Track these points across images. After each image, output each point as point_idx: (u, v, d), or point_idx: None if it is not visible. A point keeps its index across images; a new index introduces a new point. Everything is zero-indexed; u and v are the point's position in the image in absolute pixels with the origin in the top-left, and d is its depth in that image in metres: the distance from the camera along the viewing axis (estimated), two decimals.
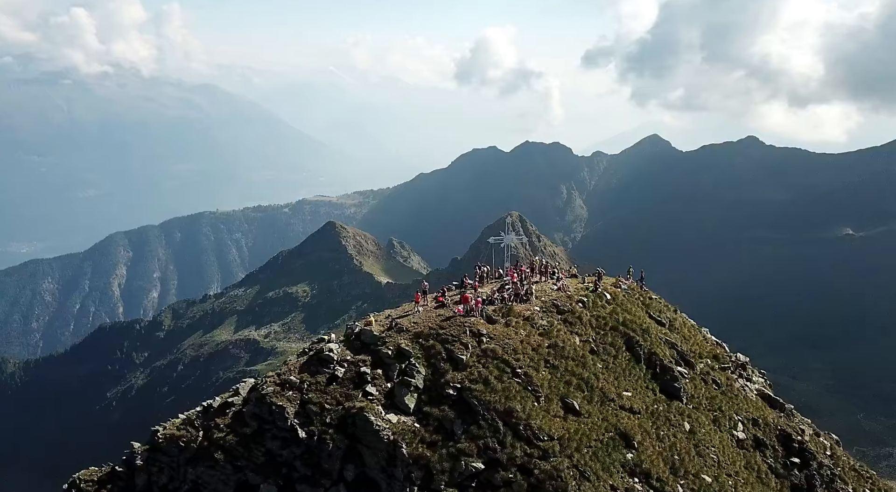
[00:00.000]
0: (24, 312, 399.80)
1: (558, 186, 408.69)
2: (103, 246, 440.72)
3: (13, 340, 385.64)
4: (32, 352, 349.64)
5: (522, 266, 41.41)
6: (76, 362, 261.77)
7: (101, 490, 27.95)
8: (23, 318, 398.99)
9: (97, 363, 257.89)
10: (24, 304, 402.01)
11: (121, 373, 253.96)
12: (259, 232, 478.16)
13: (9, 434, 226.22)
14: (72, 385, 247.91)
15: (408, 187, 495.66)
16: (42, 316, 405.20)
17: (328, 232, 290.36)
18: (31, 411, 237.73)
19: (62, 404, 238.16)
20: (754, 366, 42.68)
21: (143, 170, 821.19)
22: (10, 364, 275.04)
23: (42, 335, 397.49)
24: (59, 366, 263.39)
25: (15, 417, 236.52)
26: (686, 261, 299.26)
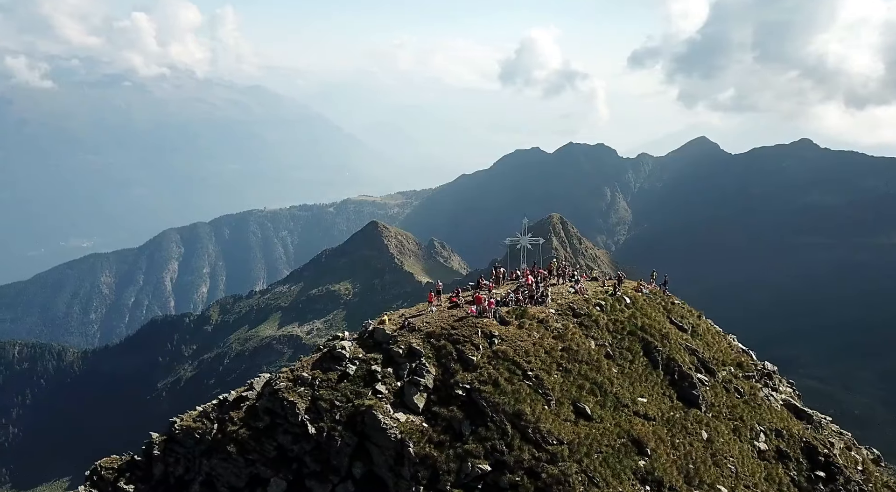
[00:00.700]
0: (83, 303, 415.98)
1: (602, 187, 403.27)
2: (157, 242, 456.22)
3: (73, 330, 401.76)
4: (90, 342, 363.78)
5: (540, 269, 41.08)
6: (130, 353, 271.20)
7: (121, 478, 28.98)
8: (82, 309, 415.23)
9: (149, 355, 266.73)
10: (84, 296, 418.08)
11: (171, 365, 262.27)
12: (304, 230, 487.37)
13: (66, 420, 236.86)
14: (125, 375, 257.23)
15: (450, 188, 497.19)
16: (100, 308, 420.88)
17: (370, 231, 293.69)
18: (87, 399, 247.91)
19: (115, 393, 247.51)
20: (798, 374, 41.45)
21: (195, 169, 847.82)
22: (69, 353, 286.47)
23: (99, 326, 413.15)
24: (113, 356, 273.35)
25: (72, 404, 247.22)
26: (734, 266, 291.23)
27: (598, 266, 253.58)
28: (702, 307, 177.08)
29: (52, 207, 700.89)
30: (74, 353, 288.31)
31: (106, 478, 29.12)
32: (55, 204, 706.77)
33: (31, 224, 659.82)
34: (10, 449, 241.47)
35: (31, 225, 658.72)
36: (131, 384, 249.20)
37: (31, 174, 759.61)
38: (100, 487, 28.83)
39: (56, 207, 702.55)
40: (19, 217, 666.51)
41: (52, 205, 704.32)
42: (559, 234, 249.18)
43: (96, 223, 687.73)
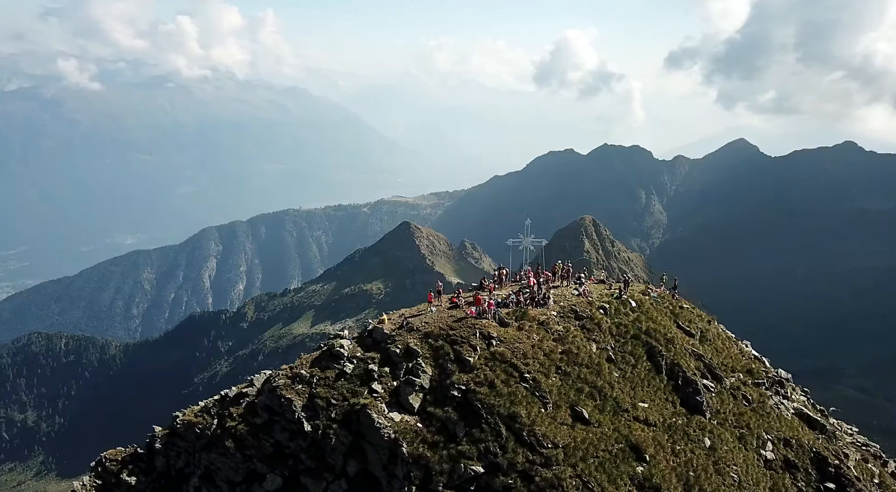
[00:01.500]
0: (126, 299, 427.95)
1: (637, 190, 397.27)
2: (196, 239, 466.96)
3: (116, 324, 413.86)
4: (132, 336, 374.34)
5: (545, 270, 40.86)
6: (169, 348, 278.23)
7: (124, 470, 29.75)
8: (125, 304, 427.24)
9: (187, 350, 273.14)
10: (127, 291, 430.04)
11: (207, 360, 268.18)
12: (339, 230, 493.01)
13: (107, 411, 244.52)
14: (164, 369, 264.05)
15: (482, 189, 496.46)
16: (141, 303, 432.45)
17: (403, 231, 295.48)
18: (128, 391, 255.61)
19: (154, 387, 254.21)
20: (841, 384, 40.29)
21: (234, 168, 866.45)
22: (112, 346, 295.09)
23: (141, 321, 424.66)
24: (153, 350, 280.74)
25: (113, 396, 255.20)
26: (774, 271, 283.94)
27: (630, 269, 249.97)
28: (739, 313, 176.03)
29: (100, 204, 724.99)
30: (117, 346, 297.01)
31: (110, 469, 29.95)
32: (102, 201, 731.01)
33: (80, 221, 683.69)
34: (55, 438, 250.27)
35: (80, 222, 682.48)
36: (169, 378, 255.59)
37: (80, 173, 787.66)
38: (104, 478, 29.69)
39: (103, 204, 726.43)
40: (70, 214, 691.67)
41: (100, 202, 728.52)
42: (591, 236, 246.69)
43: (140, 220, 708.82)
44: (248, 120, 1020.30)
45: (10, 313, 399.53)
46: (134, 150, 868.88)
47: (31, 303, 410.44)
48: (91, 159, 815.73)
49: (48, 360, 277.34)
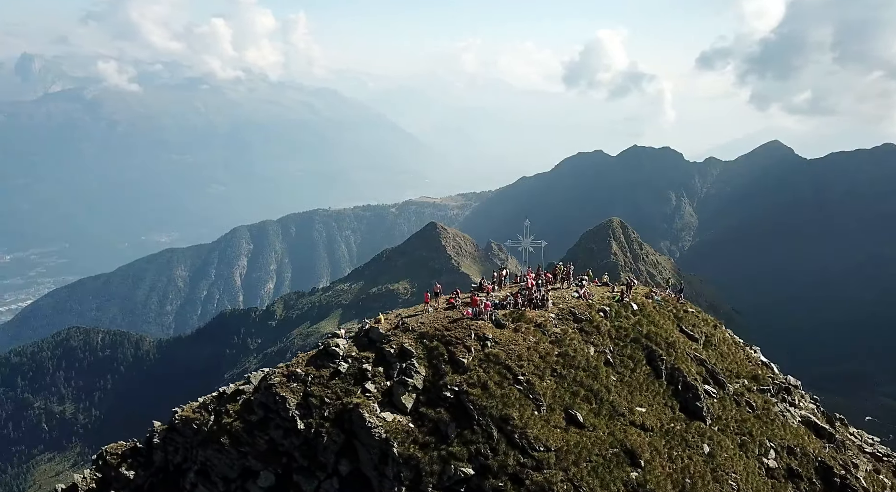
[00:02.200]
0: (160, 296, 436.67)
1: (667, 192, 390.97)
2: (228, 238, 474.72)
3: (150, 320, 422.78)
4: (165, 332, 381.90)
5: (546, 272, 40.59)
6: (200, 344, 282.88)
7: (123, 463, 30.34)
8: (159, 301, 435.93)
9: (218, 347, 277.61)
10: (161, 288, 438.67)
11: (237, 357, 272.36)
12: (367, 230, 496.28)
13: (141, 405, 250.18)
14: (195, 365, 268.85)
15: (510, 190, 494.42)
16: (175, 300, 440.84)
17: (429, 232, 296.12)
18: (160, 386, 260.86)
19: (186, 382, 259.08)
20: (874, 392, 39.21)
21: (266, 168, 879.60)
22: (146, 342, 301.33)
23: (174, 318, 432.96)
24: (185, 347, 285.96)
25: (147, 390, 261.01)
26: (807, 276, 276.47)
27: (659, 272, 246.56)
28: (770, 316, 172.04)
29: (137, 203, 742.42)
30: (150, 342, 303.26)
31: (110, 463, 30.58)
32: (139, 200, 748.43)
33: (117, 219, 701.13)
34: (92, 430, 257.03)
35: (117, 220, 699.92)
36: (200, 374, 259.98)
37: (118, 172, 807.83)
38: (104, 471, 30.32)
39: (140, 203, 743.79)
40: (107, 212, 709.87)
41: (137, 201, 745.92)
42: (619, 238, 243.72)
43: (175, 219, 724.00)
44: (279, 121, 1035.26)
45: (51, 308, 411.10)
46: (168, 150, 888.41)
47: (70, 298, 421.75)
48: (128, 159, 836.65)
49: (85, 354, 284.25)
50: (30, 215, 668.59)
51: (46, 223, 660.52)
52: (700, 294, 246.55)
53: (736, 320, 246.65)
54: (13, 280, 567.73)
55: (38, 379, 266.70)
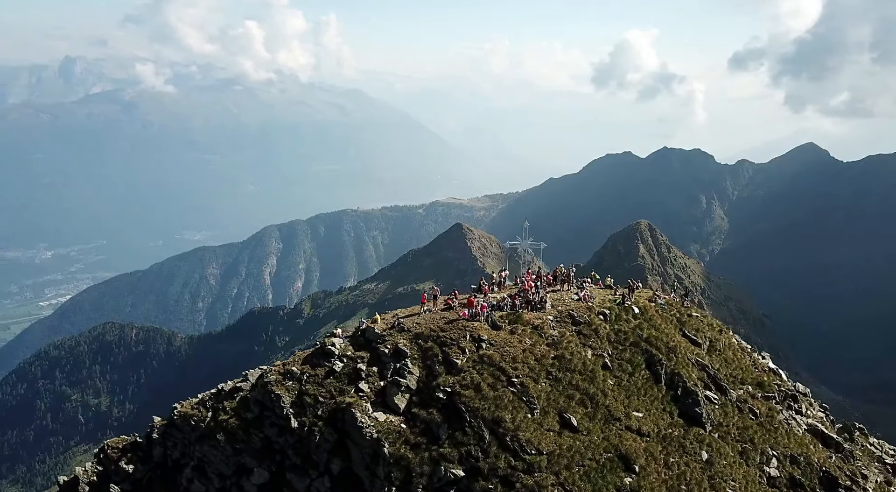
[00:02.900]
0: (192, 293, 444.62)
1: (697, 195, 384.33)
2: (258, 237, 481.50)
3: (183, 317, 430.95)
4: (197, 329, 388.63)
5: (548, 274, 40.33)
6: (230, 341, 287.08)
7: (123, 457, 30.99)
8: (191, 298, 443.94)
9: (247, 344, 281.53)
10: (193, 286, 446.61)
11: (265, 354, 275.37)
12: (394, 230, 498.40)
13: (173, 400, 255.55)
14: (225, 361, 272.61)
15: (536, 192, 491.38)
16: (206, 297, 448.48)
17: (455, 233, 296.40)
18: (191, 382, 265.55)
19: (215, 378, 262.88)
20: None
21: (295, 168, 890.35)
22: (178, 338, 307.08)
23: (205, 315, 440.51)
24: (216, 343, 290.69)
25: (177, 385, 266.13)
26: (841, 282, 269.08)
27: (687, 276, 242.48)
28: (804, 324, 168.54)
29: (171, 201, 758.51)
30: (182, 338, 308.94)
31: (111, 456, 31.30)
32: (173, 199, 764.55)
33: (152, 217, 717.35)
34: (126, 423, 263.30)
35: (152, 218, 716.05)
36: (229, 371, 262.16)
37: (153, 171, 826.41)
38: (105, 465, 31.03)
39: (174, 201, 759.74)
40: (142, 210, 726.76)
41: (171, 200, 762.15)
42: (646, 241, 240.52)
43: (207, 217, 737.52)
44: (308, 121, 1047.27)
45: (89, 304, 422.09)
46: (201, 150, 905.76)
47: (106, 294, 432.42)
48: (163, 159, 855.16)
49: (120, 349, 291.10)
50: (71, 213, 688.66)
51: (86, 221, 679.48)
52: (729, 298, 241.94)
53: (766, 325, 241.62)
54: (54, 276, 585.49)
55: (75, 372, 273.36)
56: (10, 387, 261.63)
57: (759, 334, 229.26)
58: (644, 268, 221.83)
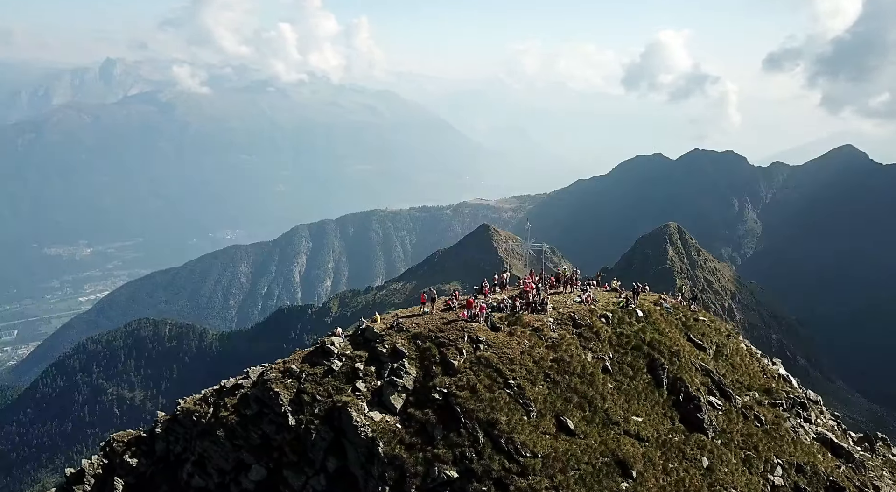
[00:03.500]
0: (224, 290, 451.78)
1: (729, 197, 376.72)
2: (289, 236, 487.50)
3: (214, 314, 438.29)
4: (228, 326, 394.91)
5: (551, 276, 40.03)
6: (259, 338, 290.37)
7: (128, 451, 31.68)
8: (223, 295, 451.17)
9: (275, 341, 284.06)
10: (225, 283, 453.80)
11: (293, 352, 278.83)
12: (422, 230, 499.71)
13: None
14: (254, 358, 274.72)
15: (565, 193, 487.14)
16: (238, 295, 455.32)
17: (481, 234, 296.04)
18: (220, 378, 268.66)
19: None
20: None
21: (326, 169, 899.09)
22: (209, 335, 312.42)
23: (236, 312, 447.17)
24: (246, 340, 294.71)
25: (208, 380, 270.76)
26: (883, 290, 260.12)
27: (717, 279, 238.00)
28: (840, 331, 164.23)
29: (205, 200, 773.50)
30: (213, 335, 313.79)
31: (116, 450, 32.04)
32: (207, 198, 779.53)
33: (187, 216, 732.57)
34: None
35: (187, 217, 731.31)
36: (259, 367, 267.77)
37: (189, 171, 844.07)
38: (110, 457, 31.80)
39: (208, 200, 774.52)
40: (178, 209, 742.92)
41: (205, 199, 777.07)
42: (675, 244, 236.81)
43: (239, 216, 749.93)
44: (339, 122, 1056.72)
45: (126, 299, 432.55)
46: (235, 150, 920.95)
47: (142, 291, 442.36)
48: (198, 159, 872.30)
49: (154, 344, 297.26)
50: (110, 211, 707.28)
51: (124, 219, 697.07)
52: (760, 303, 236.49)
53: (799, 332, 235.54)
54: (93, 272, 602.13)
55: (111, 366, 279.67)
56: (50, 379, 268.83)
57: (791, 340, 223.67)
58: (672, 271, 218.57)
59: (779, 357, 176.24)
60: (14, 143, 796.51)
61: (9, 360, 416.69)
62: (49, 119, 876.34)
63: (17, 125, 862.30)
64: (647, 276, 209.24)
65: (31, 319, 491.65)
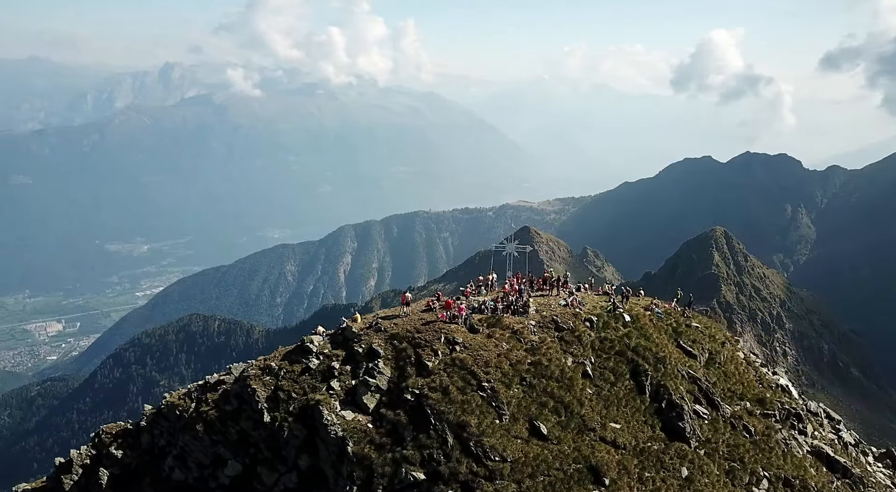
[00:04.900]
0: (271, 288, 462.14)
1: (781, 202, 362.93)
2: (334, 236, 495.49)
3: (262, 311, 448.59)
4: (275, 323, 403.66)
5: (538, 278, 39.46)
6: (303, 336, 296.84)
7: (115, 443, 32.52)
8: (270, 293, 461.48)
9: None
10: (272, 281, 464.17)
11: None
12: (464, 232, 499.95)
13: None
14: None
15: (610, 196, 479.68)
16: (284, 293, 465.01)
17: (522, 236, 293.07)
18: None
19: None
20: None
21: (371, 170, 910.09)
22: (256, 331, 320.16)
23: (283, 310, 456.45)
24: (291, 337, 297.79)
25: None
26: None
27: (765, 286, 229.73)
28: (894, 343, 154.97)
29: (256, 200, 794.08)
30: (260, 331, 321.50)
31: (104, 441, 32.94)
32: (258, 198, 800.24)
33: (237, 215, 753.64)
34: None
35: (237, 216, 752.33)
36: None
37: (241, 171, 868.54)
38: (98, 448, 32.73)
39: (258, 200, 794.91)
40: (229, 209, 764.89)
41: (256, 198, 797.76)
42: (722, 249, 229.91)
43: (288, 216, 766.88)
44: (385, 124, 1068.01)
45: (178, 295, 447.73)
46: (284, 151, 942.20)
47: (194, 287, 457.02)
48: (249, 159, 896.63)
49: (203, 339, 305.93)
50: (165, 210, 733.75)
51: (178, 217, 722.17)
52: (812, 311, 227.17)
53: (853, 342, 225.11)
54: (148, 268, 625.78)
55: (163, 360, 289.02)
56: (107, 370, 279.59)
57: (845, 350, 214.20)
58: (718, 277, 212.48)
59: (830, 368, 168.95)
60: (80, 144, 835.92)
61: (72, 350, 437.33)
62: (111, 121, 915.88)
63: (82, 127, 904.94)
64: (691, 281, 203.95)
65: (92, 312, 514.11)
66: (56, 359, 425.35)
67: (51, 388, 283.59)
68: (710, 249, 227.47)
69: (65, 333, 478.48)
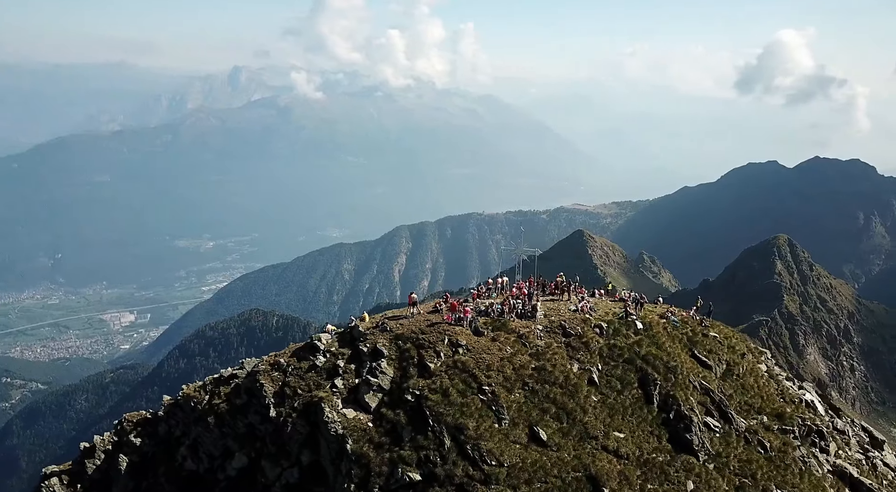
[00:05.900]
0: (329, 286, 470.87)
1: (853, 209, 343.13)
2: (390, 236, 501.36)
3: (319, 308, 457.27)
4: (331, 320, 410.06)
5: (550, 283, 38.80)
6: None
7: (135, 430, 33.97)
8: (327, 291, 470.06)
9: None
10: (330, 279, 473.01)
11: None
12: (517, 235, 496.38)
13: None
14: None
15: (668, 200, 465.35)
16: (341, 291, 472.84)
17: (576, 239, 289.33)
18: None
19: None
20: None
21: (427, 172, 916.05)
22: (311, 327, 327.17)
23: (339, 307, 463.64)
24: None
25: None
26: None
27: (832, 297, 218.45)
28: None
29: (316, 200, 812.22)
30: (315, 327, 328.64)
31: (125, 429, 34.47)
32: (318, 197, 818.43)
33: (298, 214, 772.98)
34: None
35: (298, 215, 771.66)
36: None
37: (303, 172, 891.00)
38: (120, 435, 34.31)
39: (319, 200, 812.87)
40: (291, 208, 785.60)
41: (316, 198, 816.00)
42: (785, 257, 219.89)
43: (346, 216, 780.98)
44: (442, 126, 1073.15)
45: (241, 290, 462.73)
46: (344, 153, 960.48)
47: (256, 283, 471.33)
48: (311, 160, 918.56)
49: (262, 334, 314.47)
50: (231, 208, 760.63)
51: (243, 215, 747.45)
52: (884, 325, 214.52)
53: None
54: (214, 264, 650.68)
55: (225, 352, 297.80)
56: (173, 361, 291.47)
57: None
58: (781, 286, 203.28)
59: None
60: (154, 144, 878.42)
61: (142, 341, 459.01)
62: (183, 122, 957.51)
63: (157, 128, 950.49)
64: (751, 290, 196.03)
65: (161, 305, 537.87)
66: (128, 348, 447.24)
67: (123, 375, 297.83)
68: (773, 256, 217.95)
69: (136, 324, 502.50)
